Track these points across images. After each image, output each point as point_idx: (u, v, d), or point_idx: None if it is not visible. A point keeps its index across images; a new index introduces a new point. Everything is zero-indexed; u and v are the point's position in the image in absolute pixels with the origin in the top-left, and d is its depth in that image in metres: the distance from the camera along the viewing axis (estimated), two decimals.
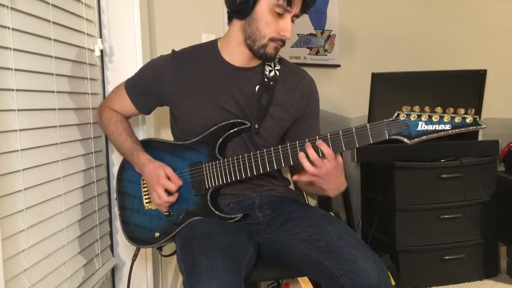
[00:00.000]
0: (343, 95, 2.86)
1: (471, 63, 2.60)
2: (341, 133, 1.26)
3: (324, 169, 1.26)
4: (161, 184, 1.40)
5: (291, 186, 1.64)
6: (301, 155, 1.27)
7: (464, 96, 2.49)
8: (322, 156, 1.26)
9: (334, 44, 2.86)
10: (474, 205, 2.45)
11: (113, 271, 1.82)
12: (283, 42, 1.40)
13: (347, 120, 2.94)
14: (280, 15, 1.35)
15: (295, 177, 1.34)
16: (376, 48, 2.91)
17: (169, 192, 1.42)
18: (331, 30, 2.85)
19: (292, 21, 1.38)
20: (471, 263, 2.48)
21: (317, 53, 2.82)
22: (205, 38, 2.05)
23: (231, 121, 1.43)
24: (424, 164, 2.40)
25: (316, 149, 1.26)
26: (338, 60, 2.88)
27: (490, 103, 2.60)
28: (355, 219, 2.72)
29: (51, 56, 1.39)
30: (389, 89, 2.42)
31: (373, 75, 2.36)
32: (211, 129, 1.44)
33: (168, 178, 1.41)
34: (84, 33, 1.62)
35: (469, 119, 1.18)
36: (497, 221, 2.49)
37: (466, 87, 2.49)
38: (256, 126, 1.44)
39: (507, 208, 2.47)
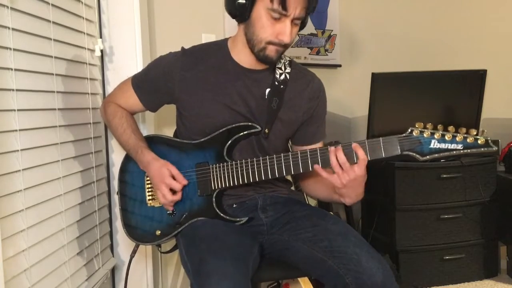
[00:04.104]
0: (344, 95, 2.86)
1: (471, 63, 2.60)
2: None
3: (353, 175, 1.25)
4: (165, 183, 1.40)
5: (292, 188, 1.64)
6: (332, 152, 1.26)
7: (464, 96, 2.49)
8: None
9: (334, 44, 2.86)
10: (474, 205, 2.45)
11: (113, 271, 1.82)
12: (283, 46, 1.36)
13: (348, 120, 2.94)
14: (277, 19, 1.32)
15: (316, 166, 1.30)
16: (377, 48, 2.92)
17: (174, 191, 1.42)
18: (332, 30, 2.85)
19: (295, 24, 1.35)
20: (471, 263, 2.48)
21: (317, 53, 2.82)
22: (205, 38, 2.05)
23: (242, 123, 1.42)
24: (424, 164, 2.39)
25: (349, 153, 1.26)
26: (338, 60, 2.88)
27: (490, 103, 2.60)
28: (355, 219, 2.72)
29: (51, 56, 1.39)
30: (389, 89, 2.42)
31: (373, 75, 2.36)
32: (221, 130, 1.42)
33: (173, 177, 1.41)
34: (84, 33, 1.62)
35: (481, 140, 1.18)
36: (497, 221, 2.49)
37: (466, 87, 2.49)
38: (266, 130, 1.43)
39: (507, 208, 2.47)
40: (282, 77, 1.46)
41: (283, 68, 1.47)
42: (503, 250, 2.59)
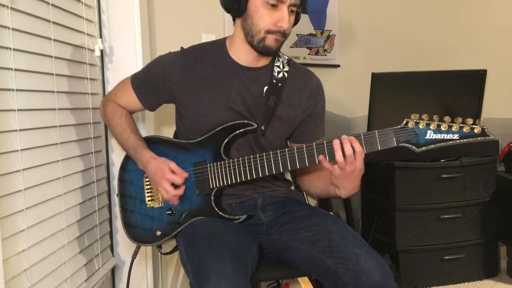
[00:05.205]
0: (343, 95, 2.86)
1: (471, 63, 2.60)
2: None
3: (353, 167, 1.25)
4: (166, 179, 1.40)
5: (292, 187, 1.64)
6: (336, 143, 1.25)
7: (464, 96, 2.49)
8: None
9: (333, 44, 2.87)
10: (474, 205, 2.45)
11: (113, 271, 1.82)
12: (282, 34, 1.36)
13: (347, 120, 2.94)
14: (274, 6, 1.33)
15: (321, 157, 1.29)
16: (376, 48, 2.91)
17: (175, 186, 1.42)
18: (331, 30, 2.85)
19: (292, 11, 1.36)
20: (471, 263, 2.48)
21: (316, 53, 2.82)
22: (205, 38, 2.05)
23: (238, 121, 1.42)
24: (424, 164, 2.40)
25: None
26: (337, 60, 2.88)
27: (490, 103, 2.60)
28: (355, 219, 2.72)
29: (51, 56, 1.40)
30: (389, 89, 2.42)
31: (373, 75, 2.36)
32: (217, 129, 1.43)
33: (173, 172, 1.41)
34: (84, 33, 1.62)
35: (477, 130, 1.17)
36: (497, 221, 2.49)
37: (466, 87, 2.49)
38: (263, 127, 1.43)
39: (507, 208, 2.47)
40: (280, 75, 1.46)
41: (281, 67, 1.48)
42: (503, 250, 2.58)
